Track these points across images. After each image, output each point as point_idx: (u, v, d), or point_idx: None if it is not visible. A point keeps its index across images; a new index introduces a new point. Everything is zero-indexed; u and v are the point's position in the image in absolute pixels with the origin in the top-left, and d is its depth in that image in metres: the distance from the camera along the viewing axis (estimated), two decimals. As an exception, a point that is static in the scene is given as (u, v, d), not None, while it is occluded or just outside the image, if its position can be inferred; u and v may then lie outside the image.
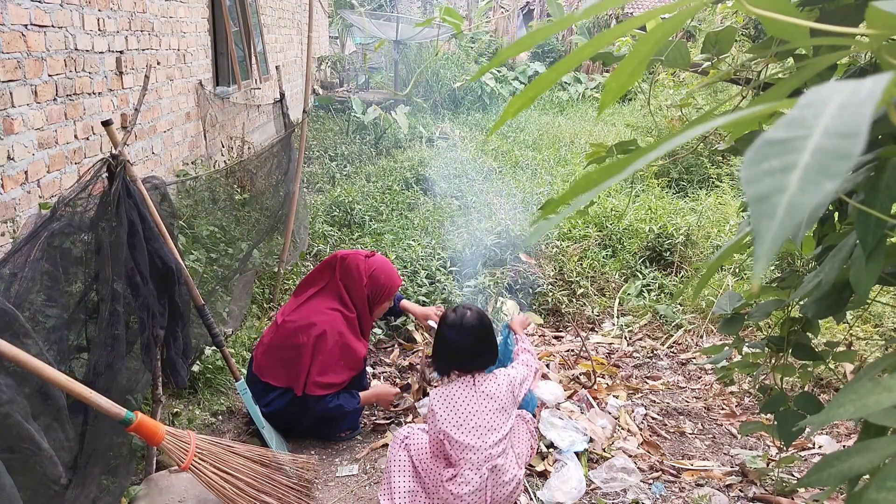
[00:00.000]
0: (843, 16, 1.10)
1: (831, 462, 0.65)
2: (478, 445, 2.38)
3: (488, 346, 2.57)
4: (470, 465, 2.37)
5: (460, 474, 2.38)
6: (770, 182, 0.38)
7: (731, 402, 3.60)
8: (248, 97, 7.25)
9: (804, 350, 1.60)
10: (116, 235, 2.31)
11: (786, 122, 0.41)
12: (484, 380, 2.49)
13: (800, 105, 0.42)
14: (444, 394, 2.47)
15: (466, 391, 2.46)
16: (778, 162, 0.39)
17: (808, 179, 0.37)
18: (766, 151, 0.40)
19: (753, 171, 0.39)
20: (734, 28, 1.49)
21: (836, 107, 0.41)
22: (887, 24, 0.51)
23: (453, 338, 2.53)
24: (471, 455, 2.37)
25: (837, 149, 0.38)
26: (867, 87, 0.42)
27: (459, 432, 2.39)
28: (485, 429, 2.40)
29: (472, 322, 2.55)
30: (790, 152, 0.39)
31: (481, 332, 2.55)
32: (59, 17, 3.35)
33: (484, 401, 2.44)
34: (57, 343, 2.10)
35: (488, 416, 2.42)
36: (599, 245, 5.39)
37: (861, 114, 0.39)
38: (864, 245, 0.82)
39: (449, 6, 1.59)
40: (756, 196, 0.38)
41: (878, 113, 0.70)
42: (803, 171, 0.38)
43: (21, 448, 1.77)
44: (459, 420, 2.41)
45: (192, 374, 3.31)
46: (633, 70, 0.62)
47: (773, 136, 0.41)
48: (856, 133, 0.38)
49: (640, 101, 11.80)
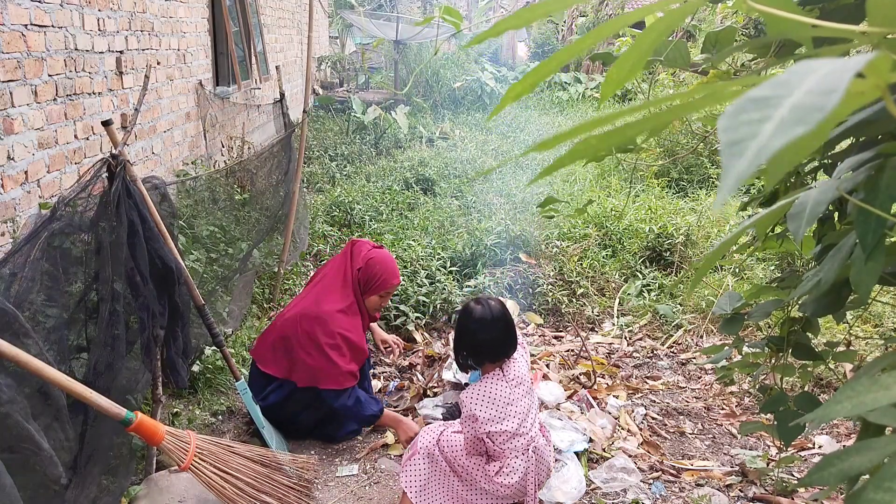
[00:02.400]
0: (844, 15, 1.10)
1: (831, 462, 0.65)
2: (521, 432, 2.41)
3: (514, 331, 2.57)
4: (515, 454, 2.39)
5: (507, 465, 2.40)
6: (745, 130, 0.40)
7: (731, 402, 3.60)
8: (248, 97, 7.25)
9: (804, 350, 1.60)
10: (116, 235, 2.31)
11: (770, 83, 0.43)
12: (510, 368, 2.51)
13: (788, 71, 0.43)
14: (479, 394, 2.45)
15: (500, 384, 2.46)
16: (756, 114, 0.41)
17: (782, 126, 0.39)
18: (745, 106, 0.42)
19: (731, 121, 0.41)
20: (734, 28, 1.49)
21: (820, 73, 0.43)
22: (888, 20, 0.51)
23: (484, 331, 2.51)
24: (515, 443, 2.40)
25: (814, 103, 0.40)
26: (855, 59, 0.43)
27: (502, 426, 2.40)
28: (523, 415, 2.43)
29: (499, 312, 2.56)
30: (769, 107, 0.41)
31: (507, 319, 2.57)
32: (59, 17, 3.35)
33: (516, 388, 2.46)
34: (57, 343, 2.10)
35: (523, 401, 2.45)
36: (599, 245, 5.39)
37: (843, 76, 0.41)
38: (863, 244, 0.82)
39: (448, 6, 1.58)
40: (729, 141, 0.40)
41: (877, 112, 0.70)
42: (778, 121, 0.40)
43: (21, 448, 1.77)
44: (500, 415, 2.41)
45: (192, 374, 3.31)
46: (633, 63, 0.62)
47: (755, 94, 0.43)
48: (834, 90, 0.40)
49: (640, 100, 11.80)
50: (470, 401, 2.44)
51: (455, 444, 2.51)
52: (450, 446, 2.51)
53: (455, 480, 2.48)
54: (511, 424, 2.39)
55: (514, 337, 2.56)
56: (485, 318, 2.53)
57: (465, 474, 2.47)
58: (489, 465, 2.43)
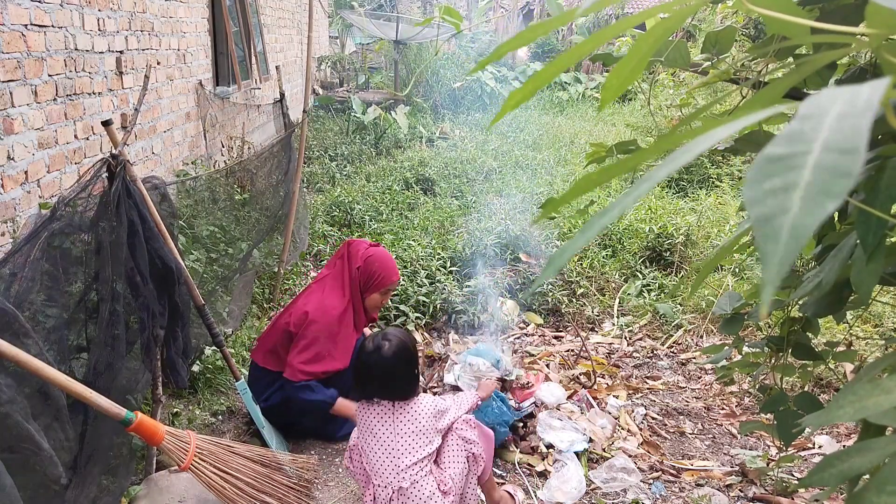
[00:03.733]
0: (843, 15, 1.10)
1: (831, 462, 0.65)
2: (387, 466, 2.31)
3: (407, 377, 2.40)
4: (380, 484, 2.32)
5: (370, 492, 2.35)
6: (773, 203, 0.38)
7: (731, 402, 3.60)
8: (248, 97, 7.25)
9: (804, 350, 1.60)
10: (116, 235, 2.31)
11: (785, 137, 0.41)
12: (403, 405, 2.38)
13: (799, 117, 0.42)
14: (363, 414, 2.40)
15: (383, 416, 2.36)
16: (780, 181, 0.39)
17: (811, 199, 0.37)
18: (767, 169, 0.40)
19: (756, 190, 0.40)
20: (734, 28, 1.49)
21: (834, 118, 0.41)
22: (887, 23, 0.51)
23: (370, 366, 2.38)
24: (380, 477, 2.31)
25: (837, 166, 0.38)
26: (864, 95, 0.42)
27: (371, 453, 2.33)
28: (399, 452, 2.31)
29: (388, 354, 2.38)
30: (791, 169, 0.39)
31: (398, 363, 2.38)
32: (59, 17, 3.35)
33: (400, 424, 2.34)
34: (57, 343, 2.10)
35: (404, 439, 2.33)
36: (599, 245, 5.39)
37: (859, 126, 0.39)
38: (864, 245, 0.82)
39: (448, 6, 1.58)
40: (760, 217, 0.38)
41: (878, 112, 0.70)
42: (805, 189, 0.38)
43: (21, 448, 1.77)
44: (372, 442, 2.34)
45: (192, 374, 3.31)
46: (633, 67, 0.62)
47: (773, 151, 0.41)
48: (854, 149, 0.38)
49: (641, 101, 11.80)
50: (357, 414, 2.41)
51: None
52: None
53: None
54: (380, 457, 2.32)
55: (407, 382, 2.39)
56: (372, 354, 2.38)
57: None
58: (365, 487, 2.39)
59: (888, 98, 0.44)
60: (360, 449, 2.38)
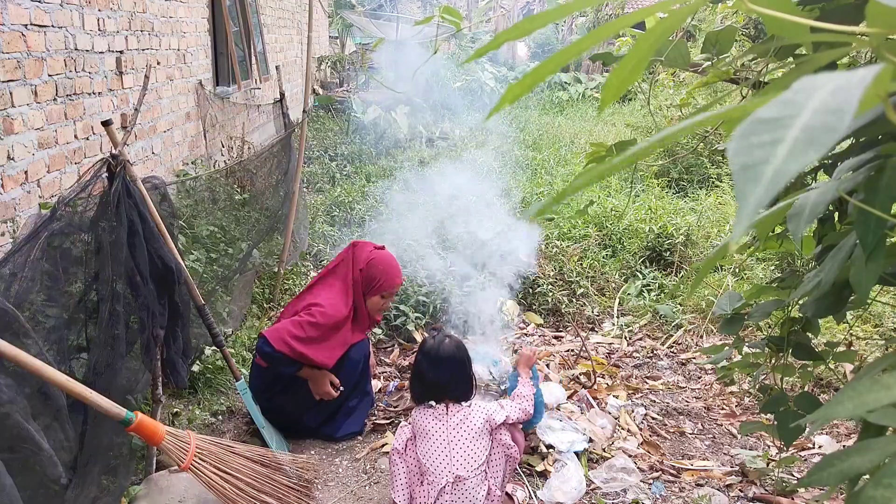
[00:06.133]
0: (843, 15, 1.10)
1: (831, 462, 0.65)
2: (443, 460, 2.37)
3: (463, 377, 2.52)
4: (435, 476, 2.36)
5: (422, 489, 2.38)
6: (758, 153, 0.39)
7: (731, 402, 3.60)
8: (248, 97, 7.25)
9: (804, 350, 1.60)
10: (116, 235, 2.31)
11: (777, 103, 0.42)
12: (458, 410, 2.46)
13: (792, 89, 0.42)
14: (418, 417, 2.47)
15: (438, 417, 2.44)
16: (767, 136, 0.40)
17: (795, 149, 0.38)
18: (755, 128, 0.41)
19: (741, 144, 0.40)
20: (734, 28, 1.49)
21: (827, 91, 0.42)
22: (888, 22, 0.51)
23: (428, 368, 2.49)
24: (435, 472, 2.36)
25: (825, 123, 0.39)
26: (859, 73, 0.42)
27: (427, 451, 2.39)
28: (455, 450, 2.37)
29: (448, 353, 2.51)
30: (779, 128, 0.40)
31: (457, 363, 2.51)
32: (59, 17, 3.35)
33: (456, 430, 2.40)
34: (57, 343, 2.10)
35: (463, 444, 2.39)
36: (599, 245, 5.39)
37: (851, 94, 0.40)
38: (863, 245, 0.82)
39: (448, 5, 1.58)
40: (742, 165, 0.39)
41: (877, 113, 0.70)
42: (791, 143, 0.39)
43: (21, 448, 1.77)
44: (428, 443, 2.40)
45: (192, 374, 3.31)
46: (633, 67, 0.62)
47: (763, 114, 0.42)
48: (845, 109, 0.39)
49: (640, 101, 11.80)
50: (413, 422, 2.48)
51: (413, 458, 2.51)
52: (410, 457, 2.51)
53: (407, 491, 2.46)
54: (440, 463, 2.36)
55: (464, 384, 2.50)
56: (431, 353, 2.52)
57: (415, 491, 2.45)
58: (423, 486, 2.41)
59: (885, 87, 0.44)
60: (415, 450, 2.43)
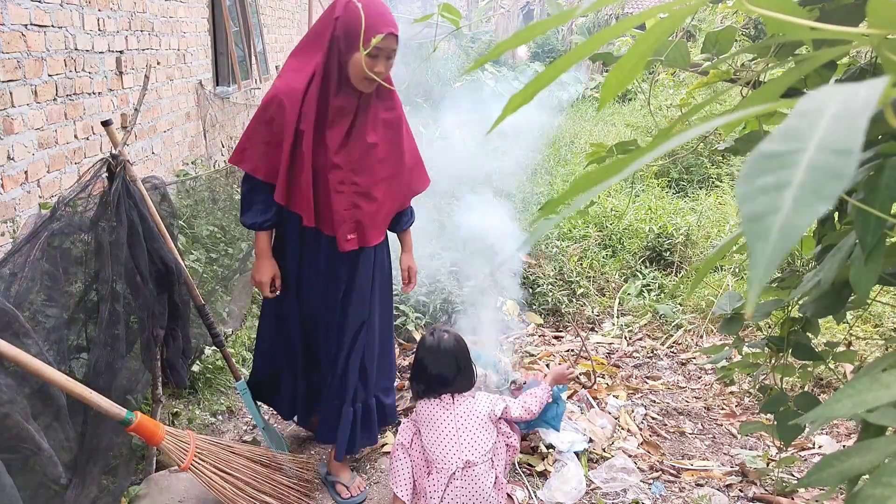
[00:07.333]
0: (843, 15, 1.10)
1: (831, 462, 0.65)
2: (451, 448, 2.41)
3: (466, 368, 2.58)
4: (444, 464, 2.39)
5: (430, 479, 2.42)
6: (765, 200, 0.38)
7: (731, 402, 3.60)
8: (248, 97, 7.25)
9: (804, 350, 1.60)
10: (116, 235, 2.31)
11: (781, 134, 0.41)
12: (463, 399, 2.52)
13: (795, 113, 0.42)
14: (424, 410, 2.51)
15: (445, 407, 2.49)
16: (772, 178, 0.39)
17: (802, 200, 0.37)
18: (761, 165, 0.40)
19: (748, 186, 0.39)
20: (734, 28, 1.49)
21: (831, 117, 0.40)
22: (889, 21, 0.51)
23: (432, 363, 2.54)
24: (443, 461, 2.39)
25: (831, 167, 0.37)
26: (862, 94, 0.42)
27: (434, 441, 2.43)
28: (462, 438, 2.42)
29: (449, 346, 2.57)
30: (785, 167, 0.39)
31: (458, 355, 2.57)
32: (59, 17, 3.35)
33: (463, 418, 2.46)
34: (57, 343, 2.10)
35: (470, 431, 2.44)
36: (599, 245, 5.39)
37: (855, 127, 0.39)
38: (863, 245, 0.82)
39: (448, 4, 1.57)
40: (751, 215, 0.38)
41: (877, 112, 0.70)
42: (797, 189, 0.38)
43: (21, 448, 1.77)
44: (434, 433, 2.44)
45: (192, 374, 3.31)
46: (632, 66, 0.62)
47: (768, 148, 0.41)
48: (849, 151, 0.38)
49: (640, 101, 11.80)
50: (418, 415, 2.52)
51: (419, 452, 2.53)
52: (416, 451, 2.53)
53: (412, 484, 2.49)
54: (448, 451, 2.40)
55: (466, 374, 2.56)
56: (433, 348, 2.57)
57: (419, 482, 2.48)
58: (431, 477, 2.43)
59: (888, 97, 0.44)
60: (419, 445, 2.46)
